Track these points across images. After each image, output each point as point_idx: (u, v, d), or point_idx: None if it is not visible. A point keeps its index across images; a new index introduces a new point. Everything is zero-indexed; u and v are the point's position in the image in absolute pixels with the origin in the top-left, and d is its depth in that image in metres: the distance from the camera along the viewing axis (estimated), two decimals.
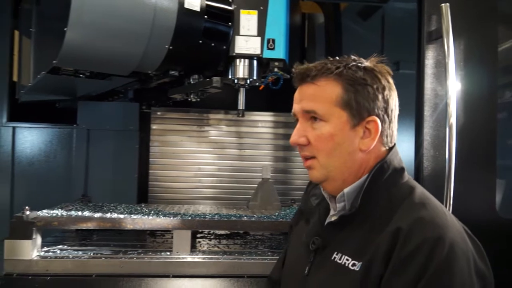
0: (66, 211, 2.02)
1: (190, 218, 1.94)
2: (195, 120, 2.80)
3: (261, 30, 2.07)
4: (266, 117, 2.84)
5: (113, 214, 1.98)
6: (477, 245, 1.04)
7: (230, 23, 2.05)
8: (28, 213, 1.78)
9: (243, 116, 2.22)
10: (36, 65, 2.25)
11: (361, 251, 1.04)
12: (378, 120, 1.10)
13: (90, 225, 1.89)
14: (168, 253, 1.88)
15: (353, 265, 1.04)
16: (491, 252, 1.07)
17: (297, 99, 1.15)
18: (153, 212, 2.07)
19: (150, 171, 2.77)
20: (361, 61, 1.13)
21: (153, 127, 2.78)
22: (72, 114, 2.70)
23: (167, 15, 1.88)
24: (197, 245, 2.08)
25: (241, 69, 2.11)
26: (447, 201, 1.73)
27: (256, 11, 2.07)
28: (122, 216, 1.93)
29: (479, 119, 1.89)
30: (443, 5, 1.79)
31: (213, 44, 2.05)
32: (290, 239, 1.40)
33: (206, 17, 1.99)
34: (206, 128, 2.81)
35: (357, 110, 1.09)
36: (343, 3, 3.05)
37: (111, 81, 2.15)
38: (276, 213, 2.18)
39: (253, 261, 1.86)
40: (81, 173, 2.67)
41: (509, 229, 1.88)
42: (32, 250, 1.77)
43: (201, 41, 2.01)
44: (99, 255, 1.84)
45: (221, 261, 1.84)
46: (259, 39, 2.07)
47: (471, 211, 1.84)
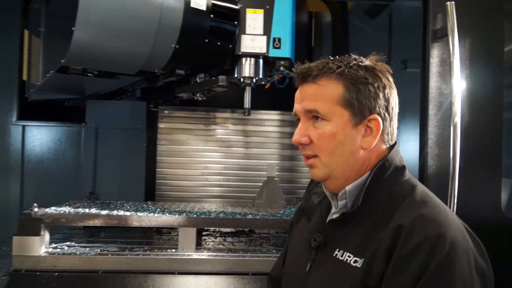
0: (73, 208, 2.04)
1: (195, 215, 1.96)
2: (201, 118, 2.81)
3: (267, 29, 2.08)
4: (272, 116, 2.85)
5: (120, 211, 2.00)
6: (478, 243, 1.05)
7: (236, 22, 2.06)
8: (36, 210, 1.81)
9: (249, 114, 2.24)
10: (45, 64, 2.28)
11: (362, 248, 1.05)
12: (379, 118, 1.10)
13: (97, 222, 1.91)
14: (173, 250, 1.90)
15: (355, 261, 1.05)
16: (497, 251, 1.07)
17: (298, 98, 1.15)
18: (159, 209, 2.09)
19: (157, 169, 2.78)
20: (362, 60, 1.13)
21: (160, 125, 2.79)
22: (80, 112, 2.73)
23: (174, 14, 1.89)
24: (202, 242, 2.10)
25: (247, 68, 2.12)
26: (451, 200, 1.73)
27: (262, 10, 2.07)
28: (128, 213, 1.96)
29: (484, 118, 1.88)
30: (448, 3, 1.79)
31: (219, 43, 2.06)
32: (291, 237, 1.40)
33: (212, 16, 2.01)
34: (212, 126, 2.82)
35: (358, 108, 1.09)
36: (350, 2, 3.04)
37: (118, 80, 2.17)
38: (281, 211, 2.19)
39: (257, 258, 1.87)
40: (89, 171, 2.70)
41: None
42: (40, 246, 1.80)
43: (207, 40, 2.02)
44: (105, 252, 1.86)
45: (226, 258, 1.86)
46: (265, 38, 2.08)
47: (475, 210, 1.84)
